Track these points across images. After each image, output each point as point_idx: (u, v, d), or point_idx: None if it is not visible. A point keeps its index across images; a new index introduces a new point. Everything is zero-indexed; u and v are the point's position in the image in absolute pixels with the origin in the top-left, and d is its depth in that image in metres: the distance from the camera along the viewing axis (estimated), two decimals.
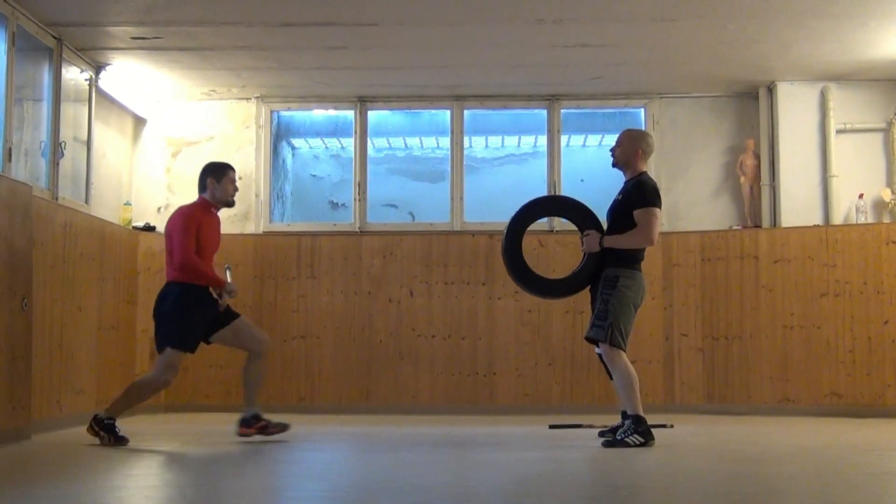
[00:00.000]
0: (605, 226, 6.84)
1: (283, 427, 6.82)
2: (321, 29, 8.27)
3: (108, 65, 9.07)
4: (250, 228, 10.10)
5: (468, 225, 10.08)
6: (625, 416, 6.73)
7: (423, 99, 10.30)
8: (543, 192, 10.07)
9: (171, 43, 8.58)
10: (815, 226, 9.48)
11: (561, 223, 9.93)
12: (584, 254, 6.80)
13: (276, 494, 4.68)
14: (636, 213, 6.62)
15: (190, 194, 10.06)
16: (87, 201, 8.95)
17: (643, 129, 7.00)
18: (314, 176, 11.54)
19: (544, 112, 10.26)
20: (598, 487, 4.80)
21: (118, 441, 6.49)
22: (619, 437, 6.43)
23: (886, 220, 9.44)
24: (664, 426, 7.83)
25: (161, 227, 9.80)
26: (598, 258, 6.70)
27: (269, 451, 6.34)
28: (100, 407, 8.18)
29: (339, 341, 9.70)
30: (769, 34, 8.44)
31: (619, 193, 6.88)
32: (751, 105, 10.07)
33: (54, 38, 8.32)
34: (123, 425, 6.62)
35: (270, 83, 9.81)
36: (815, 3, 7.74)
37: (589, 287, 6.84)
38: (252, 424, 6.82)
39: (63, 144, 8.45)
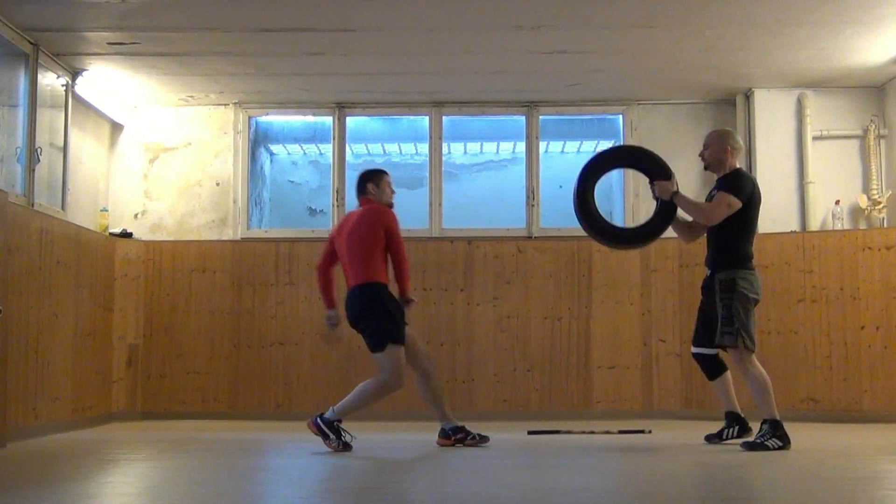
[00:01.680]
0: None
1: (482, 439, 6.96)
2: (299, 35, 8.26)
3: (85, 70, 9.03)
4: (228, 234, 10.07)
5: (447, 231, 10.07)
6: (729, 416, 6.99)
7: (401, 105, 10.29)
8: (522, 199, 10.10)
9: (149, 49, 8.55)
10: (792, 232, 9.52)
11: (540, 228, 9.95)
12: (657, 201, 6.95)
13: (254, 501, 4.66)
14: (716, 193, 6.78)
15: (167, 200, 10.08)
16: (63, 207, 8.90)
17: (724, 129, 7.16)
18: (292, 182, 11.51)
19: (523, 118, 10.27)
20: (577, 494, 4.79)
21: (345, 447, 6.61)
22: (757, 441, 6.53)
23: (863, 226, 9.49)
24: (642, 432, 7.86)
25: (138, 233, 9.80)
26: (668, 208, 6.89)
27: (246, 458, 6.32)
28: (76, 415, 8.16)
29: (317, 348, 9.67)
30: (746, 41, 8.48)
31: (713, 188, 6.97)
32: (728, 112, 10.11)
33: (31, 43, 8.27)
34: (103, 433, 6.59)
35: (248, 89, 9.79)
36: (791, 10, 7.78)
37: (702, 294, 6.93)
38: (450, 436, 7.01)
39: (39, 150, 8.40)
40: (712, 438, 6.99)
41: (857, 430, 8.17)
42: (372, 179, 7.14)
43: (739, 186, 6.73)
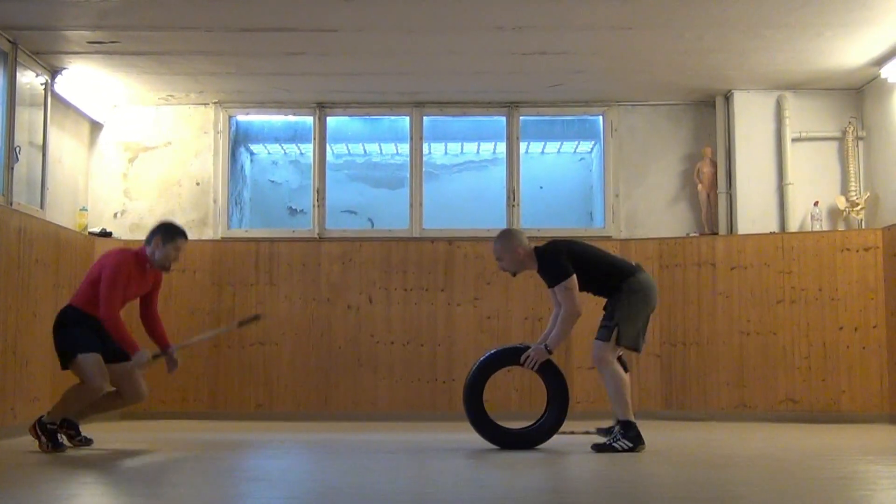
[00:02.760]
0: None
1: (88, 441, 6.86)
2: (280, 34, 8.25)
3: (65, 69, 8.98)
4: (208, 234, 10.04)
5: (427, 231, 10.08)
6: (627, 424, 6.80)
7: (382, 105, 10.29)
8: (503, 199, 10.12)
9: (128, 47, 8.52)
10: (771, 233, 9.57)
11: (521, 229, 9.95)
12: (549, 402, 6.74)
13: (234, 502, 4.65)
14: (555, 293, 6.65)
15: (147, 199, 10.05)
16: (42, 207, 8.86)
17: (500, 233, 6.87)
18: (273, 182, 11.49)
19: (503, 119, 10.28)
20: (556, 494, 4.80)
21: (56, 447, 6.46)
22: (608, 443, 6.50)
23: (841, 227, 9.55)
24: None
25: (118, 232, 9.76)
26: (555, 384, 6.72)
27: (226, 458, 6.30)
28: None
29: (298, 348, 9.66)
30: (726, 43, 8.51)
31: (546, 281, 6.82)
32: (708, 113, 10.15)
33: (9, 41, 8.23)
34: (86, 433, 6.54)
35: (229, 88, 9.76)
36: (770, 13, 7.82)
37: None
38: (64, 427, 6.78)
39: (18, 149, 8.36)
40: (602, 430, 6.93)
41: (836, 431, 8.21)
42: (159, 234, 6.84)
43: (556, 265, 6.63)
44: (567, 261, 6.62)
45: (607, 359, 6.55)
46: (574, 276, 6.57)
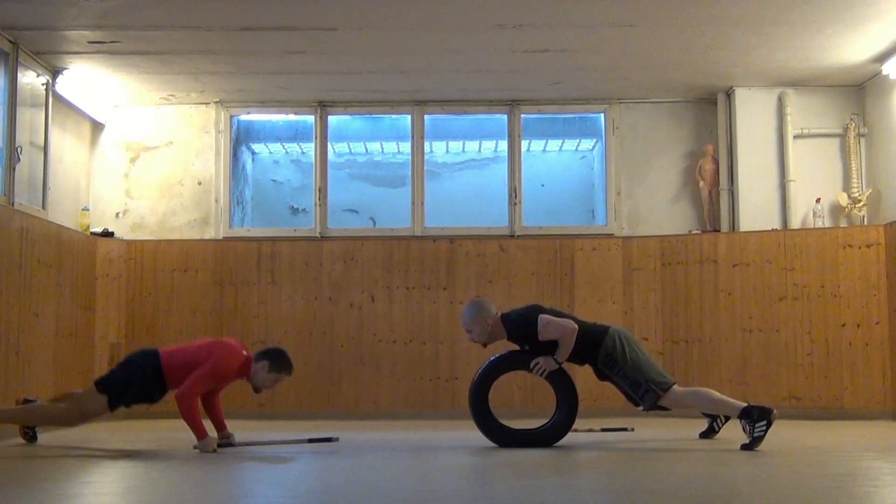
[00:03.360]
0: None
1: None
2: (280, 33, 8.24)
3: (66, 69, 8.99)
4: (210, 233, 10.04)
5: (429, 230, 10.08)
6: (708, 413, 7.04)
7: (383, 104, 10.28)
8: (504, 197, 10.12)
9: (129, 47, 8.52)
10: (773, 230, 9.56)
11: (522, 227, 9.97)
12: (558, 404, 6.77)
13: (235, 501, 4.65)
14: (542, 334, 6.64)
15: (148, 199, 10.04)
16: (44, 207, 8.86)
17: (468, 305, 6.90)
18: (274, 181, 11.49)
19: (505, 117, 10.28)
20: (558, 491, 4.80)
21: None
22: (749, 440, 6.47)
23: (843, 224, 9.54)
24: (624, 429, 7.87)
25: (119, 232, 9.77)
26: (568, 391, 6.74)
27: (228, 457, 6.30)
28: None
29: (300, 347, 9.65)
30: (727, 40, 8.51)
31: (521, 345, 6.86)
32: (709, 110, 10.14)
33: (10, 41, 8.23)
34: (85, 433, 6.54)
35: (229, 87, 9.76)
36: (772, 9, 7.81)
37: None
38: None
39: (19, 149, 8.36)
40: (706, 435, 7.15)
41: (838, 428, 8.21)
42: (274, 362, 6.80)
43: (525, 318, 6.71)
44: (534, 325, 6.65)
45: (671, 398, 6.63)
46: (544, 314, 6.64)
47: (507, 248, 9.83)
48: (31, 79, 8.73)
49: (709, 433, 7.22)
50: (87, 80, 9.29)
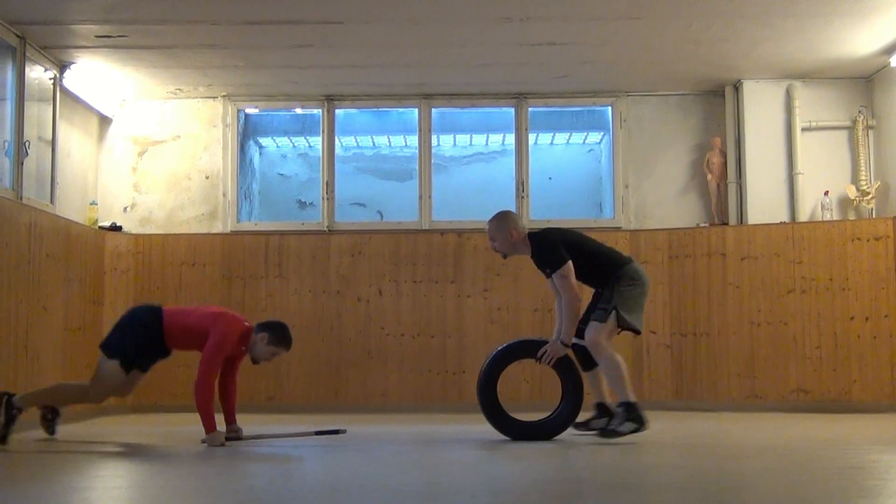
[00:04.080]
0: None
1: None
2: (287, 27, 8.24)
3: (73, 63, 9.00)
4: (217, 228, 10.05)
5: (436, 223, 10.08)
6: (598, 407, 6.76)
7: (390, 97, 10.28)
8: (512, 191, 10.12)
9: (136, 41, 8.52)
10: (781, 223, 9.55)
11: (530, 220, 9.96)
12: (563, 395, 6.73)
13: (243, 494, 4.65)
14: (552, 280, 6.64)
15: (156, 193, 10.06)
16: (52, 201, 8.87)
17: (496, 214, 6.83)
18: (282, 175, 11.50)
19: (512, 110, 10.27)
20: (566, 484, 4.80)
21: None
22: (612, 428, 6.46)
23: (852, 216, 9.52)
24: None
25: (127, 226, 9.78)
26: (574, 383, 6.68)
27: (236, 451, 6.31)
28: (66, 409, 8.13)
29: (308, 340, 9.65)
30: (735, 33, 8.49)
31: (540, 269, 6.84)
32: (717, 103, 10.12)
33: (18, 36, 8.24)
34: (94, 427, 6.56)
35: (237, 82, 9.77)
36: (779, 2, 7.80)
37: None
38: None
39: (27, 144, 8.38)
40: (580, 426, 6.90)
41: (847, 421, 8.19)
42: (272, 334, 6.75)
43: (552, 252, 6.64)
44: (563, 248, 6.62)
45: (602, 342, 6.52)
46: (570, 263, 6.58)
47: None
48: (38, 73, 8.74)
49: (583, 426, 6.88)
50: (94, 74, 9.30)
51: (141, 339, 6.67)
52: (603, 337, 6.53)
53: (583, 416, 6.92)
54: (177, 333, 6.68)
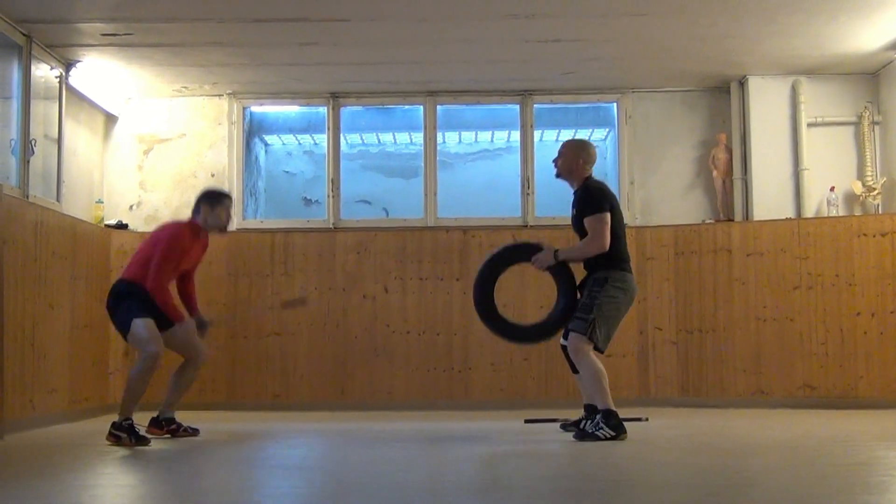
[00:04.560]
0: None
1: (194, 431, 6.97)
2: (293, 25, 8.25)
3: (79, 62, 9.01)
4: None
5: (442, 220, 10.08)
6: (588, 409, 6.75)
7: (395, 95, 10.27)
8: (517, 187, 10.11)
9: (142, 39, 8.53)
10: (787, 219, 9.53)
11: (535, 217, 9.96)
12: (554, 277, 6.77)
13: (251, 491, 4.67)
14: (586, 221, 6.62)
15: (162, 191, 10.08)
16: (58, 199, 8.89)
17: (579, 139, 6.86)
18: (287, 172, 11.51)
19: (517, 107, 10.26)
20: (574, 481, 4.81)
21: (140, 441, 6.45)
22: (589, 431, 6.44)
23: (858, 212, 9.51)
24: (639, 419, 7.87)
25: (133, 224, 9.80)
26: (565, 280, 6.72)
27: (243, 448, 6.32)
28: (73, 406, 8.18)
29: (314, 338, 9.67)
30: (740, 29, 8.48)
31: (573, 207, 6.84)
32: (722, 99, 10.11)
33: (24, 34, 8.25)
34: (101, 425, 6.58)
35: (242, 79, 9.77)
36: None
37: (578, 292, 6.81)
38: (163, 426, 6.92)
39: (33, 142, 8.39)
40: (567, 426, 6.93)
41: (853, 417, 8.19)
42: (203, 202, 6.98)
43: (599, 199, 6.64)
44: (609, 203, 6.65)
45: (584, 350, 6.50)
46: (609, 216, 6.60)
47: (520, 238, 9.80)
48: (44, 72, 8.75)
49: (571, 426, 6.88)
50: (100, 72, 9.31)
51: (130, 300, 6.72)
52: (584, 344, 6.52)
53: (572, 418, 6.97)
54: (143, 275, 6.73)
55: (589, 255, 6.62)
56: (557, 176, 6.98)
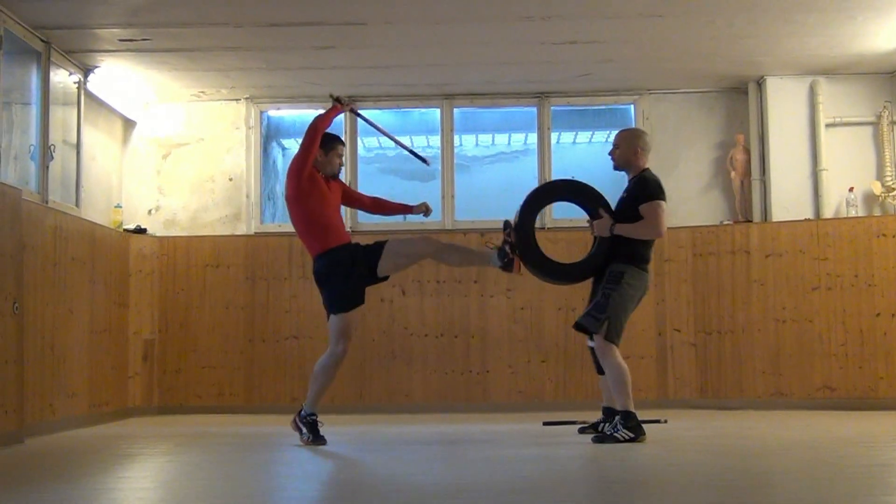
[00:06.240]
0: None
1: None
2: (309, 29, 8.27)
3: (97, 67, 9.05)
4: (241, 229, 10.09)
5: (459, 223, 10.08)
6: (606, 411, 6.74)
7: (412, 98, 10.29)
8: None
9: (159, 45, 8.57)
10: (805, 220, 9.50)
11: (552, 220, 9.95)
12: (595, 239, 6.74)
13: (270, 494, 4.68)
14: (642, 207, 6.59)
15: (180, 196, 10.12)
16: (77, 204, 8.93)
17: (637, 126, 6.85)
18: None
19: (534, 109, 10.25)
20: (592, 483, 4.80)
21: (316, 440, 6.57)
22: (608, 433, 6.44)
23: (877, 213, 9.47)
24: (658, 421, 7.84)
25: (152, 229, 9.84)
26: (610, 246, 6.64)
27: (262, 451, 6.34)
28: (93, 410, 8.21)
29: None
30: (757, 29, 8.45)
31: (624, 192, 6.84)
32: (740, 100, 10.09)
33: (42, 41, 8.30)
34: (120, 428, 6.61)
35: (259, 84, 9.80)
36: None
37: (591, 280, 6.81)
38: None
39: (52, 147, 8.44)
40: (586, 429, 6.91)
41: (873, 418, 8.14)
42: (322, 147, 6.88)
43: (658, 188, 6.65)
44: (664, 195, 6.65)
45: (610, 350, 6.48)
46: (665, 204, 6.60)
47: (537, 240, 9.78)
48: (63, 77, 8.80)
49: (589, 429, 6.90)
50: (118, 78, 9.35)
51: (332, 284, 6.76)
52: (602, 345, 6.51)
53: (590, 420, 6.96)
54: (317, 241, 6.86)
55: (642, 237, 6.60)
56: (616, 168, 6.97)
